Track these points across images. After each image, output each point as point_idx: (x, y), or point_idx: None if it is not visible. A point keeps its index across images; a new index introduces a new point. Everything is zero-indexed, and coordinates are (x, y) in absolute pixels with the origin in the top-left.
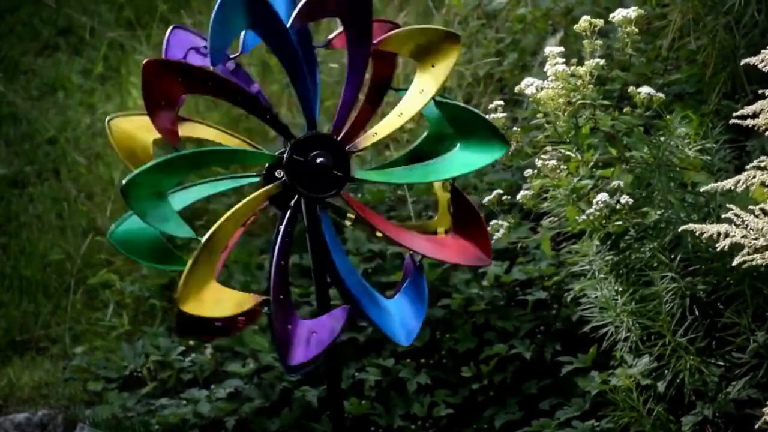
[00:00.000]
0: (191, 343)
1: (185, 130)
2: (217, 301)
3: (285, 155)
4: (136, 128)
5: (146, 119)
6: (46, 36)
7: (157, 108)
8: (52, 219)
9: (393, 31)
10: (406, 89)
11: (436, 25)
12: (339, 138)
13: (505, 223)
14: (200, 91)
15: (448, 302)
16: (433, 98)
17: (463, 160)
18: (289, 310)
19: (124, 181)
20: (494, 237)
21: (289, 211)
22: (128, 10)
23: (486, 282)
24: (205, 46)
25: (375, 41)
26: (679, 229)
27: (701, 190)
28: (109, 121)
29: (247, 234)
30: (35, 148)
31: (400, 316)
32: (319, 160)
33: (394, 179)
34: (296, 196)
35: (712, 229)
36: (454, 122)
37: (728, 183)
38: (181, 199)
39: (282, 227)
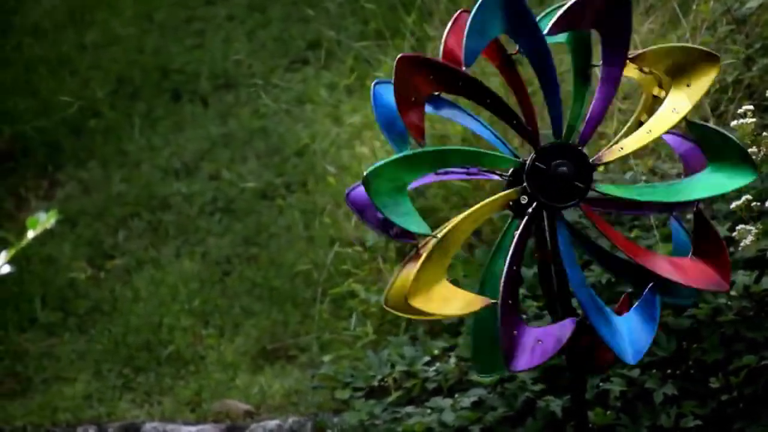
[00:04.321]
0: (435, 352)
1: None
2: (446, 299)
3: (528, 161)
4: None
5: None
6: (296, 51)
7: (407, 103)
8: (300, 230)
9: (651, 48)
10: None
11: (684, 31)
12: (584, 149)
13: (754, 229)
14: (451, 90)
15: (694, 312)
16: (685, 118)
17: (710, 182)
18: (516, 316)
19: (366, 172)
20: (742, 244)
21: (526, 218)
22: (374, 23)
23: (734, 292)
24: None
25: (631, 56)
26: None
27: None
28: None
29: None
30: (284, 161)
31: (630, 334)
32: (560, 169)
33: (636, 196)
34: (535, 204)
35: None
36: (703, 144)
37: None
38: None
39: (518, 233)
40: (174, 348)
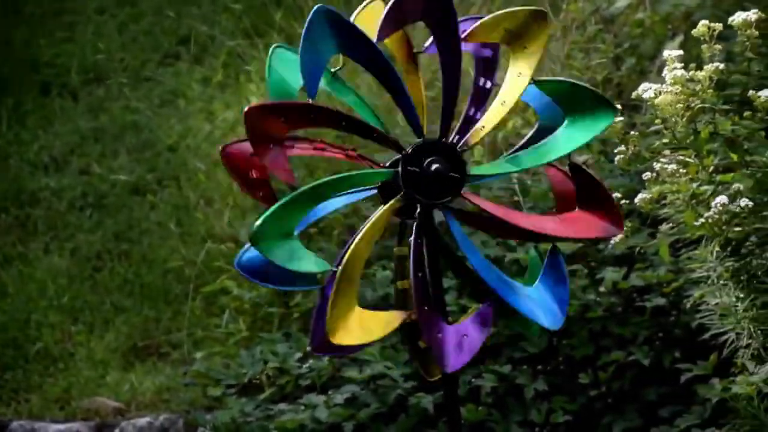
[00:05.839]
0: (308, 349)
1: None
2: (365, 326)
3: (400, 168)
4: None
5: None
6: (167, 45)
7: (267, 150)
8: (172, 226)
9: (479, 21)
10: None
11: (554, 30)
12: (449, 140)
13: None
14: (304, 125)
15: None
16: (531, 80)
17: (573, 134)
18: (435, 319)
19: (251, 230)
20: (611, 241)
21: (416, 222)
22: (246, 20)
23: (603, 288)
24: None
25: (463, 35)
26: None
27: None
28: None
29: None
30: (156, 156)
31: (544, 302)
32: (434, 167)
33: (507, 168)
34: (419, 207)
35: None
36: (557, 98)
37: None
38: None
39: (413, 239)
40: (42, 345)
